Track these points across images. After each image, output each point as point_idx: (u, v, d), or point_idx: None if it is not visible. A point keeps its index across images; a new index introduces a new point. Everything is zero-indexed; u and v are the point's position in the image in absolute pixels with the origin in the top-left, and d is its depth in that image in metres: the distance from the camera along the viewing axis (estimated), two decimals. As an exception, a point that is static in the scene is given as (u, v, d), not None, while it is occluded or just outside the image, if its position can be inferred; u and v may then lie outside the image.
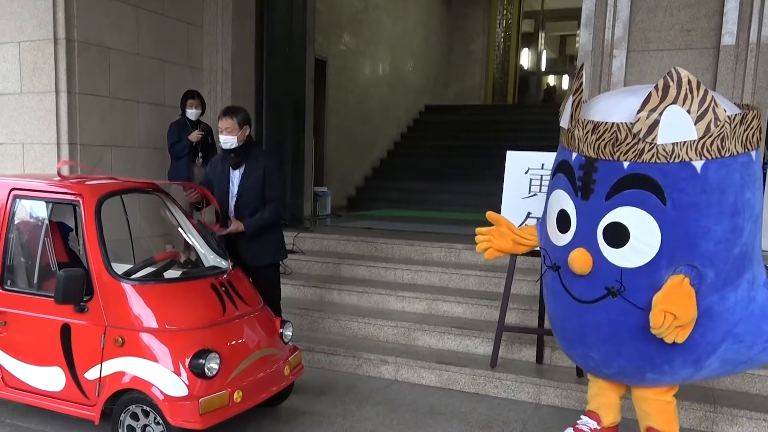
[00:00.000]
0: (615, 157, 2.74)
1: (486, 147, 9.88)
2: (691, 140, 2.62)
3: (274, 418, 3.98)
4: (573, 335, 3.15)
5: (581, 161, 2.89)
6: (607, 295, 2.87)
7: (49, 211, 3.80)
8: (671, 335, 2.68)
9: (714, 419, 3.98)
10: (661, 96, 2.61)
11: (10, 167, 5.81)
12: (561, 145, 3.15)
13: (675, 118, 2.60)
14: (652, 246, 2.74)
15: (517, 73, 16.66)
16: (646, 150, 2.67)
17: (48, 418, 3.85)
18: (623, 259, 2.81)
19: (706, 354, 2.90)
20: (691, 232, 2.71)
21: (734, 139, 2.65)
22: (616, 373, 3.14)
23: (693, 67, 5.07)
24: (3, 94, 5.77)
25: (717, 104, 2.59)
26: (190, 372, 3.23)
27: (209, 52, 7.11)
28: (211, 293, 3.58)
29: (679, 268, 2.73)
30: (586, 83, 5.31)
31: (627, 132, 2.69)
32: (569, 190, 2.96)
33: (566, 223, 2.99)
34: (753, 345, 2.92)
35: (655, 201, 2.70)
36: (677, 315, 2.64)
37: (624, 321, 2.88)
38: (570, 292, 3.02)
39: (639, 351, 2.92)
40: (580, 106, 2.91)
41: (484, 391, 4.51)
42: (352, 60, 10.96)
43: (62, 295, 3.29)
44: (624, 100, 2.83)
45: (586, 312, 2.98)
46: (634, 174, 2.72)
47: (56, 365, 3.47)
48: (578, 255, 2.90)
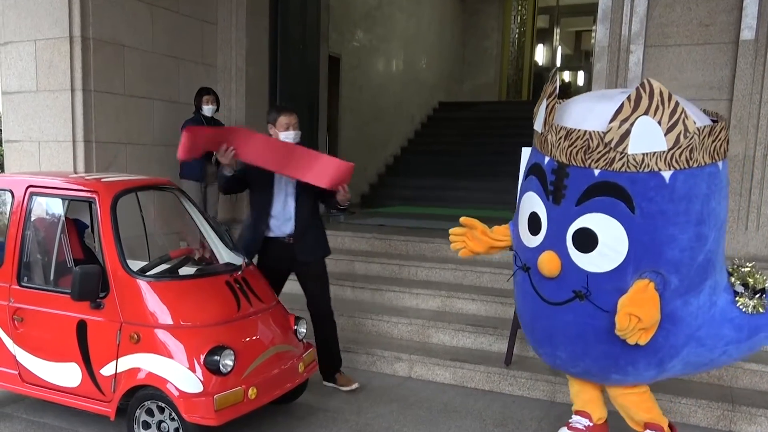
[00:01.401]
0: (586, 164, 2.79)
1: (500, 143, 9.83)
2: (660, 151, 2.67)
3: (288, 415, 3.98)
4: (541, 335, 3.23)
5: (553, 166, 2.93)
6: (574, 297, 2.94)
7: (65, 208, 3.83)
8: (634, 337, 2.77)
9: (732, 418, 3.94)
10: (633, 107, 2.65)
11: (26, 165, 5.86)
12: (533, 148, 3.19)
13: (646, 129, 2.65)
14: (620, 252, 2.80)
15: (531, 70, 16.59)
16: (617, 159, 2.72)
17: (64, 414, 3.88)
18: (591, 264, 2.87)
19: (669, 356, 2.99)
20: (657, 239, 2.78)
21: (702, 150, 2.71)
22: (582, 373, 3.24)
23: (711, 62, 5.02)
24: (19, 92, 5.82)
25: (687, 116, 2.64)
26: (205, 368, 3.24)
27: (223, 50, 7.13)
28: (225, 290, 3.58)
29: (645, 274, 2.80)
30: (603, 79, 5.27)
31: (599, 141, 2.73)
32: (541, 193, 3.01)
33: (537, 225, 3.04)
34: (714, 348, 3.01)
35: (623, 208, 2.76)
36: (641, 318, 2.72)
37: (590, 323, 2.95)
38: (539, 293, 3.09)
39: (604, 352, 3.00)
40: (554, 111, 2.95)
41: (499, 388, 4.49)
42: (366, 57, 10.95)
43: (78, 291, 3.30)
44: (597, 106, 2.86)
45: (554, 313, 3.05)
46: (604, 181, 2.78)
47: (72, 361, 3.49)
48: (547, 258, 2.95)
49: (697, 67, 5.07)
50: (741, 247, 4.93)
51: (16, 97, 5.85)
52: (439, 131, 12.66)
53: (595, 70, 5.40)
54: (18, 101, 5.85)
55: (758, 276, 2.99)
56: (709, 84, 5.04)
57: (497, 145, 10.17)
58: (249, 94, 7.21)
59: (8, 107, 5.93)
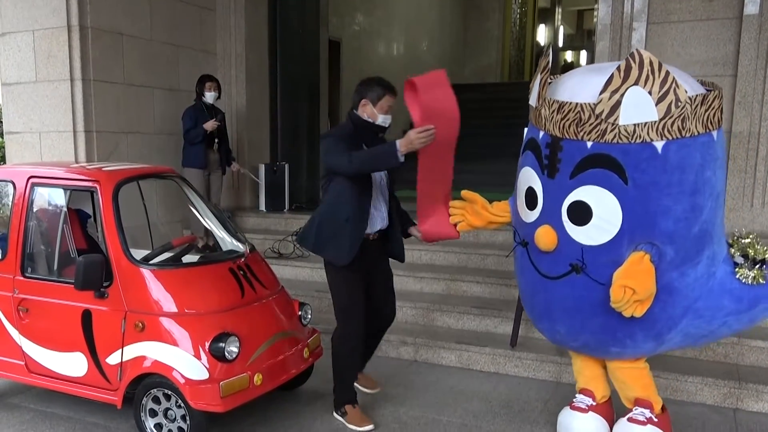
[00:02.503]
0: (579, 136, 2.79)
1: (503, 125, 9.78)
2: (652, 121, 2.66)
3: (294, 401, 4.00)
4: (540, 310, 3.25)
5: (547, 140, 2.93)
6: (571, 271, 2.95)
7: (67, 198, 3.82)
8: (629, 309, 2.78)
9: (739, 395, 3.93)
10: (623, 77, 2.64)
11: (27, 156, 5.85)
12: (530, 123, 3.18)
13: (636, 99, 2.64)
14: (614, 224, 2.80)
15: (533, 50, 16.47)
16: (609, 130, 2.71)
17: (71, 403, 3.90)
18: (586, 236, 2.87)
19: (667, 328, 2.99)
20: (651, 210, 2.77)
21: (695, 120, 2.69)
22: (581, 347, 3.26)
23: (715, 38, 4.96)
24: (19, 83, 5.80)
25: (678, 85, 2.63)
26: (210, 355, 3.24)
27: (222, 36, 7.09)
28: (229, 277, 3.58)
29: (640, 246, 2.80)
30: (605, 58, 5.23)
31: (590, 113, 2.73)
32: (536, 167, 3.01)
33: (534, 200, 3.05)
34: (713, 319, 3.01)
35: (616, 180, 2.75)
36: (636, 290, 2.73)
37: (587, 296, 2.96)
38: (537, 268, 3.11)
39: (602, 325, 3.01)
40: (547, 86, 2.95)
41: (505, 370, 4.50)
42: (367, 40, 10.88)
43: (82, 281, 3.31)
44: (590, 80, 2.85)
45: (552, 287, 3.07)
46: (597, 154, 2.77)
47: (78, 351, 3.50)
48: (544, 232, 2.97)
49: (700, 43, 5.01)
50: (747, 224, 4.90)
51: (15, 88, 5.84)
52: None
53: (598, 48, 5.35)
54: (18, 92, 5.83)
55: (758, 247, 2.97)
56: (713, 60, 4.99)
57: (500, 126, 10.11)
58: (249, 81, 7.18)
59: (8, 98, 5.92)
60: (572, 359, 3.52)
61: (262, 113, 7.52)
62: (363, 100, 3.50)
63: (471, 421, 3.76)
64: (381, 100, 3.49)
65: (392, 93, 3.52)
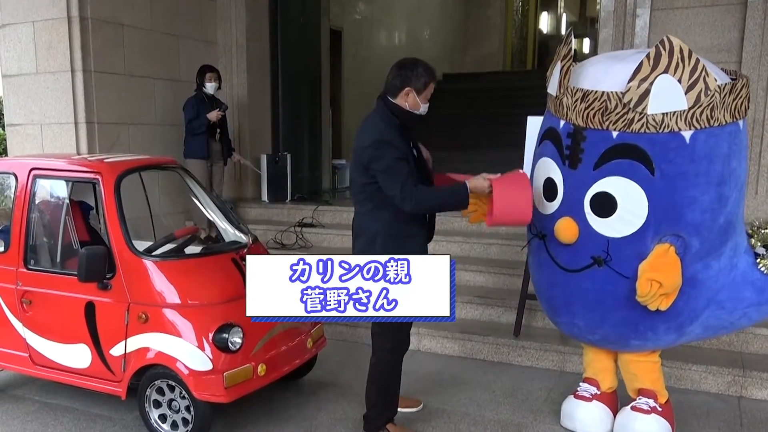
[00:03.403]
0: (604, 126, 2.74)
1: (506, 114, 9.70)
2: (681, 110, 2.62)
3: (298, 391, 4.00)
4: (559, 303, 3.20)
5: (569, 129, 2.88)
6: (592, 264, 2.91)
7: (69, 190, 3.81)
8: (655, 303, 2.74)
9: (743, 384, 3.93)
10: (653, 65, 2.60)
11: (29, 148, 5.84)
12: (548, 112, 3.12)
13: (666, 88, 2.60)
14: (640, 216, 2.77)
15: (536, 38, 16.37)
16: (636, 120, 2.67)
17: (76, 395, 3.91)
18: (610, 228, 2.83)
19: (689, 321, 2.97)
20: (678, 202, 2.74)
21: (723, 109, 2.66)
22: (600, 340, 3.21)
23: (719, 24, 4.92)
24: (20, 74, 5.78)
25: (708, 73, 2.59)
26: (213, 346, 3.24)
27: (223, 26, 7.05)
28: (232, 268, 3.58)
29: (665, 237, 2.76)
30: (609, 45, 5.19)
31: (617, 101, 2.68)
32: (556, 158, 2.96)
33: (553, 191, 2.99)
34: (734, 311, 3.00)
35: (643, 171, 2.71)
36: (663, 283, 2.69)
37: (609, 289, 2.92)
38: (556, 261, 3.06)
39: (624, 318, 2.98)
40: (570, 73, 2.88)
41: (508, 360, 4.50)
42: (368, 29, 10.83)
43: (85, 273, 3.30)
44: (613, 67, 2.80)
45: (571, 280, 3.02)
46: (623, 144, 2.73)
47: (82, 342, 3.51)
48: (565, 224, 2.91)
49: (704, 30, 4.97)
50: (750, 212, 4.86)
51: (16, 80, 5.82)
52: (444, 103, 12.40)
53: (601, 36, 5.30)
54: (18, 84, 5.82)
55: None
56: (717, 47, 4.95)
57: (503, 115, 10.05)
58: (250, 71, 7.15)
59: (9, 90, 5.90)
60: (584, 350, 3.49)
61: (264, 103, 7.49)
62: (406, 88, 3.08)
63: (474, 411, 3.76)
64: (426, 89, 3.11)
65: (436, 80, 3.18)
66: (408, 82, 3.07)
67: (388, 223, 3.09)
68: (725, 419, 3.64)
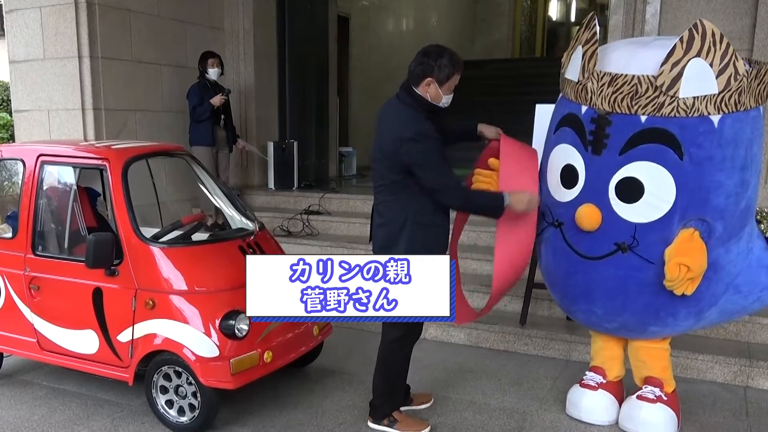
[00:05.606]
0: (632, 110, 2.72)
1: (514, 102, 9.62)
2: (711, 94, 2.61)
3: (304, 378, 4.02)
4: (576, 292, 3.18)
5: (593, 115, 2.84)
6: (616, 250, 2.89)
7: (77, 176, 3.82)
8: (682, 287, 2.76)
9: (749, 374, 3.92)
10: (686, 48, 2.58)
11: (36, 134, 5.85)
12: (564, 98, 3.08)
13: (698, 72, 2.59)
14: (667, 201, 2.76)
15: (545, 25, 16.23)
16: (666, 103, 2.65)
17: (83, 381, 3.94)
18: (636, 214, 2.81)
19: (708, 305, 2.98)
20: (705, 186, 2.74)
21: (749, 93, 2.67)
22: (618, 328, 3.19)
23: (731, 11, 4.86)
24: (27, 60, 5.78)
25: (737, 58, 2.59)
26: (220, 333, 3.25)
27: (230, 12, 7.03)
28: (239, 255, 3.57)
29: (690, 222, 2.76)
30: (619, 33, 5.13)
31: (648, 85, 2.65)
32: (578, 144, 2.92)
33: (573, 178, 2.96)
34: (749, 295, 3.03)
35: (672, 155, 2.70)
36: (691, 267, 2.71)
37: (634, 276, 2.91)
38: (574, 249, 3.03)
39: (646, 305, 2.97)
40: (595, 57, 2.82)
41: (514, 348, 4.50)
42: (375, 16, 10.76)
43: (92, 259, 3.31)
44: (640, 52, 2.78)
45: (591, 268, 3.00)
46: (652, 128, 2.71)
47: (89, 328, 3.52)
48: (587, 210, 2.89)
49: (716, 17, 4.90)
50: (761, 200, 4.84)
51: (23, 66, 5.82)
52: (452, 90, 12.47)
53: (611, 23, 5.25)
54: (26, 70, 5.82)
55: None
56: (728, 34, 4.80)
57: (511, 103, 9.98)
58: (257, 57, 7.13)
59: (16, 76, 5.91)
60: (593, 339, 3.48)
61: (271, 90, 7.47)
62: (428, 78, 2.95)
63: (480, 399, 3.77)
64: (450, 80, 2.97)
65: (461, 70, 2.99)
66: (430, 71, 2.94)
67: (416, 213, 3.05)
68: (731, 409, 3.64)
